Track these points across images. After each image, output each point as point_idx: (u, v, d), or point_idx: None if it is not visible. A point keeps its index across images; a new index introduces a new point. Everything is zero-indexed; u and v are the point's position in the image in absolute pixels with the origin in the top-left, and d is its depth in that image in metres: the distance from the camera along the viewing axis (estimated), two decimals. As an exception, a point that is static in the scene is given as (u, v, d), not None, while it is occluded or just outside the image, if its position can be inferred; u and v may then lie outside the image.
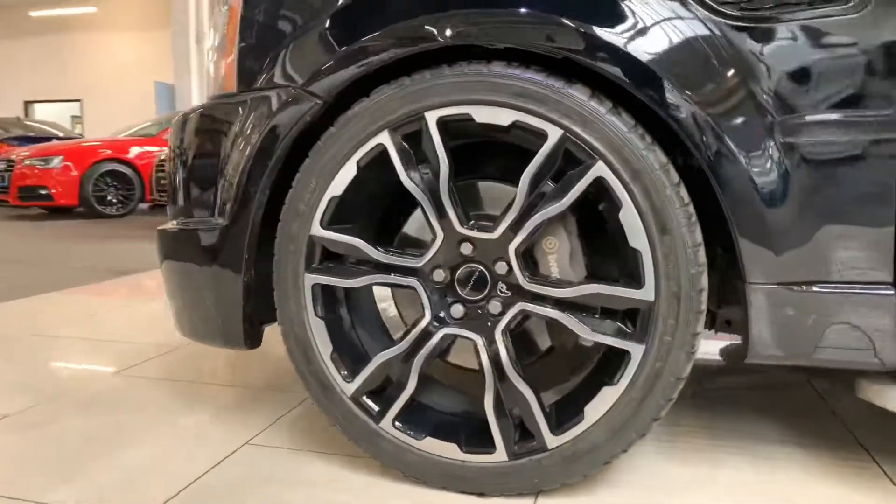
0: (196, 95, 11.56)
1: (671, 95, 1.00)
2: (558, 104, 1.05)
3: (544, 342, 1.25)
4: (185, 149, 1.34)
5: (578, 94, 1.05)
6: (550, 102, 1.05)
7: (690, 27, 1.00)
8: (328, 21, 1.16)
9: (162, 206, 6.54)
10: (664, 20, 1.01)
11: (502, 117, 1.08)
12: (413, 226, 1.29)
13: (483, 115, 1.09)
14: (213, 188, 1.27)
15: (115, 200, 7.70)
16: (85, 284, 3.31)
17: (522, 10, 1.05)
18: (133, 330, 2.35)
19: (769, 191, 0.99)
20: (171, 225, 1.39)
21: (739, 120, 0.99)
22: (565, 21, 1.02)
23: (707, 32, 0.99)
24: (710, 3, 0.99)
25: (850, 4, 0.96)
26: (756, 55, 0.99)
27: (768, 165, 0.99)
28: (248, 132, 1.22)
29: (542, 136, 1.07)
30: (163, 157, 6.66)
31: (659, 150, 1.04)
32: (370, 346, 1.27)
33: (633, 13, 1.01)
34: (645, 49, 1.01)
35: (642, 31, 1.01)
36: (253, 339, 1.30)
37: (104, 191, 7.63)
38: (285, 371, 1.85)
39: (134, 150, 7.97)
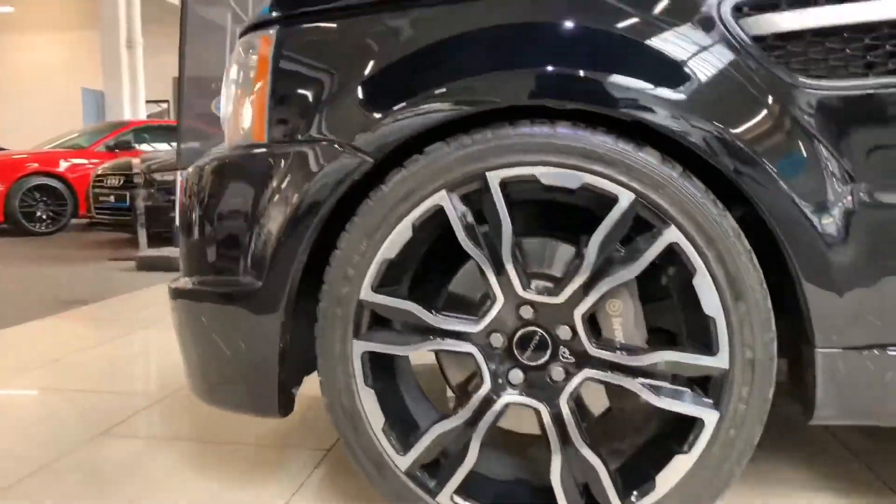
0: (128, 104, 11.04)
1: (750, 164, 0.99)
2: (630, 168, 1.02)
3: (600, 403, 1.22)
4: (205, 202, 1.24)
5: (650, 158, 1.02)
6: (621, 166, 1.02)
7: (771, 93, 0.99)
8: (383, 73, 1.10)
9: (102, 225, 6.19)
10: (743, 87, 0.99)
11: (571, 180, 1.04)
12: (461, 283, 1.23)
13: (550, 176, 1.05)
14: (242, 246, 1.18)
15: (44, 217, 7.24)
16: (33, 320, 3.06)
17: (596, 73, 1.01)
18: (107, 376, 2.18)
19: (845, 256, 0.99)
20: (187, 282, 1.28)
21: (818, 185, 0.98)
22: (641, 86, 1.00)
23: (787, 97, 0.98)
24: (787, 66, 0.99)
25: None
26: (837, 120, 0.99)
27: (846, 230, 0.99)
28: (287, 189, 1.14)
29: (612, 199, 1.04)
30: (101, 172, 6.30)
31: (730, 216, 1.03)
32: (417, 414, 1.20)
33: (708, 78, 1.00)
34: (721, 115, 0.99)
35: (719, 97, 1.00)
36: (287, 406, 1.22)
37: (32, 206, 7.17)
38: (290, 422, 1.75)
39: (64, 163, 7.53)
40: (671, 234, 1.03)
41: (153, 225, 5.36)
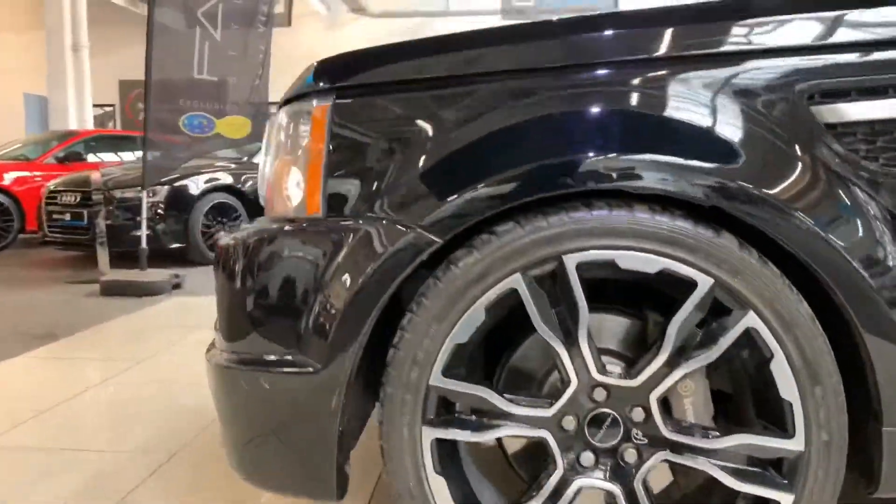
0: (73, 110, 10.56)
1: (825, 249, 1.00)
2: (709, 254, 1.02)
3: (662, 477, 1.22)
4: (252, 275, 1.18)
5: (728, 244, 1.03)
6: (701, 252, 1.02)
7: (847, 181, 1.00)
8: (455, 152, 1.07)
9: (55, 244, 5.90)
10: (818, 174, 1.01)
11: (650, 265, 1.04)
12: (522, 358, 1.21)
13: (629, 261, 1.04)
14: (298, 327, 1.13)
15: (-12, 233, 6.87)
16: (3, 359, 2.88)
17: (678, 159, 1.01)
18: (105, 430, 2.06)
19: None
20: (232, 356, 1.22)
21: (885, 265, 1.00)
22: (722, 172, 1.00)
23: (861, 185, 1.00)
24: (857, 153, 1.01)
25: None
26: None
27: None
28: (349, 269, 1.09)
29: (691, 284, 1.04)
30: (54, 188, 6.00)
31: (804, 301, 1.04)
32: (483, 497, 1.18)
33: (785, 165, 1.01)
34: (795, 202, 1.00)
35: (792, 184, 1.01)
36: (344, 488, 1.17)
37: (-24, 223, 6.78)
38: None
39: (9, 176, 7.15)
40: (749, 320, 1.03)
41: (114, 245, 5.14)
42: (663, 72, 1.04)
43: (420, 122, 1.11)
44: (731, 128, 1.02)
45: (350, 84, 1.16)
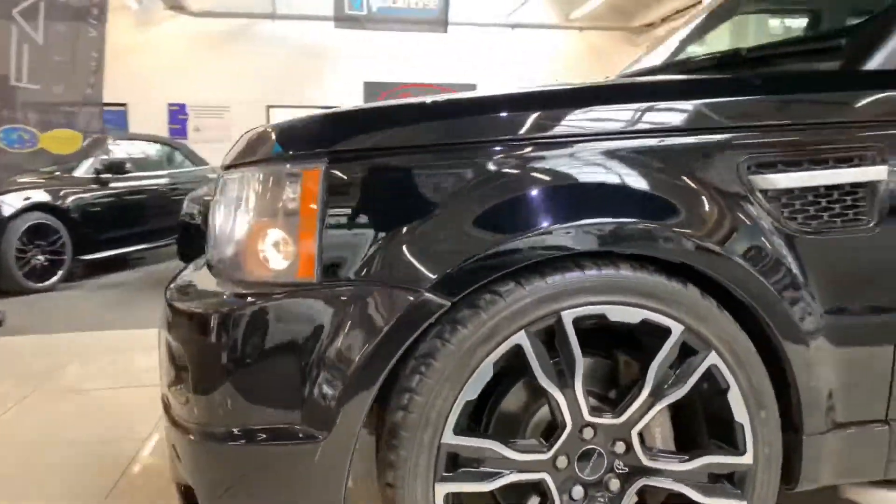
0: None
1: (762, 290, 1.20)
2: (680, 304, 1.18)
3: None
4: (245, 346, 1.13)
5: (694, 294, 1.19)
6: (673, 302, 1.18)
7: (777, 239, 1.21)
8: (461, 218, 1.11)
9: None
10: (757, 233, 1.20)
11: (634, 316, 1.17)
12: (511, 402, 1.27)
13: (617, 314, 1.17)
14: (300, 394, 1.11)
15: None
16: None
17: (656, 225, 1.15)
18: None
19: (829, 357, 1.23)
20: (211, 429, 1.15)
21: (806, 308, 1.23)
22: (689, 235, 1.16)
23: (789, 243, 1.21)
24: (782, 214, 1.22)
25: (870, 224, 1.26)
26: (810, 256, 1.23)
27: (827, 340, 1.23)
28: (354, 335, 1.10)
29: (666, 331, 1.19)
30: None
31: (751, 341, 1.24)
32: (486, 540, 1.24)
33: (730, 227, 1.19)
34: (740, 254, 1.19)
35: (735, 239, 1.19)
36: (346, 549, 1.17)
37: None
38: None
39: None
40: (712, 358, 1.21)
41: None
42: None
43: (426, 188, 1.14)
44: (697, 199, 1.18)
45: (344, 149, 1.16)
